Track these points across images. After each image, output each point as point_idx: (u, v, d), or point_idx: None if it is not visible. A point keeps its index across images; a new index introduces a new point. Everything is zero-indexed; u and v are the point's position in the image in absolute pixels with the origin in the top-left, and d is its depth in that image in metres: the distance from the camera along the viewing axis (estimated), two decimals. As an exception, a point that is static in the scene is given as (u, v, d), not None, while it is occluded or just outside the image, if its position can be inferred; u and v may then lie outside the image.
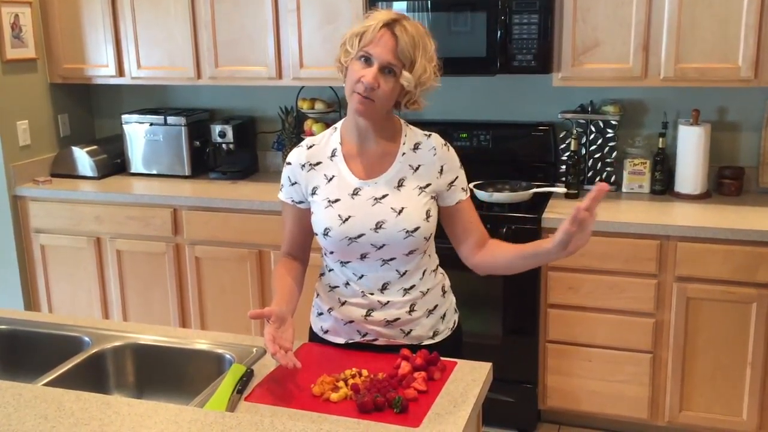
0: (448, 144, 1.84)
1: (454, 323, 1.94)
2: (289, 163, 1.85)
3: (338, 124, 1.85)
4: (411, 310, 1.81)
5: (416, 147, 1.80)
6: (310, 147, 1.84)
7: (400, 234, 1.74)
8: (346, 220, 1.76)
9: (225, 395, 1.55)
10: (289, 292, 1.80)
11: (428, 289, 1.83)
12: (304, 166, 1.82)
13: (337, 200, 1.78)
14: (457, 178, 1.81)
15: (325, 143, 1.84)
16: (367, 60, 1.68)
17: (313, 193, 1.81)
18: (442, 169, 1.79)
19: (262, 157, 3.95)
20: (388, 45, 1.66)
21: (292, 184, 1.85)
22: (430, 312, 1.85)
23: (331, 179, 1.80)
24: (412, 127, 1.85)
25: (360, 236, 1.75)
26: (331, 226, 1.77)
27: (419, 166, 1.79)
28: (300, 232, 1.87)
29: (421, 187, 1.77)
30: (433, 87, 1.75)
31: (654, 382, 2.96)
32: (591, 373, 3.02)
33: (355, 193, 1.78)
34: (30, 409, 1.39)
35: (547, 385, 3.10)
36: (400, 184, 1.77)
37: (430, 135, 1.83)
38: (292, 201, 1.86)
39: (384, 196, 1.76)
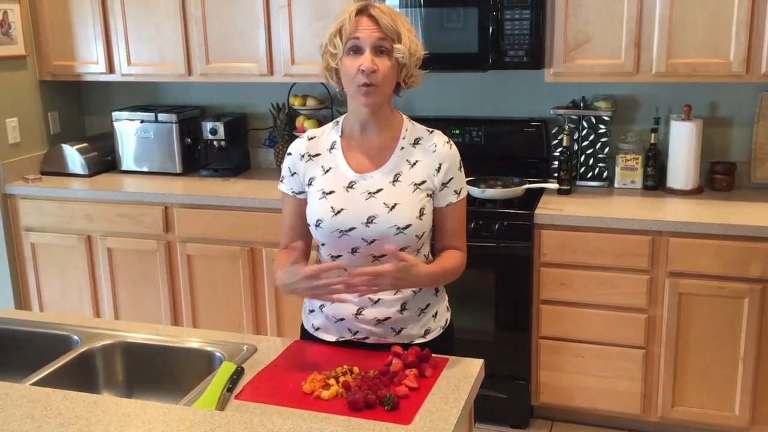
0: (452, 142, 1.82)
1: (446, 321, 1.92)
2: (290, 154, 1.86)
3: (340, 119, 1.86)
4: (402, 309, 1.80)
5: (416, 142, 1.79)
6: (311, 138, 1.85)
7: (391, 230, 1.73)
8: (339, 212, 1.75)
9: (215, 393, 1.54)
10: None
11: (420, 289, 1.82)
12: (303, 156, 1.83)
13: (331, 192, 1.77)
14: (452, 179, 1.79)
15: (326, 136, 1.84)
16: (357, 49, 1.69)
17: (310, 184, 1.81)
18: (439, 168, 1.77)
19: (254, 154, 3.94)
20: (371, 26, 1.68)
21: (292, 175, 1.85)
22: (422, 311, 1.84)
23: (327, 171, 1.80)
24: (415, 123, 1.84)
25: (351, 230, 1.74)
26: (323, 218, 1.76)
27: (416, 161, 1.78)
28: (300, 224, 1.86)
29: (416, 184, 1.76)
30: (422, 56, 1.76)
31: (646, 378, 2.96)
32: (583, 368, 3.02)
33: (350, 186, 1.77)
34: (16, 409, 1.37)
35: (540, 381, 3.10)
36: (395, 179, 1.76)
37: (432, 131, 1.82)
38: (292, 192, 1.86)
39: (378, 191, 1.75)
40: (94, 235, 3.58)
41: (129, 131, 3.80)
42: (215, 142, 3.74)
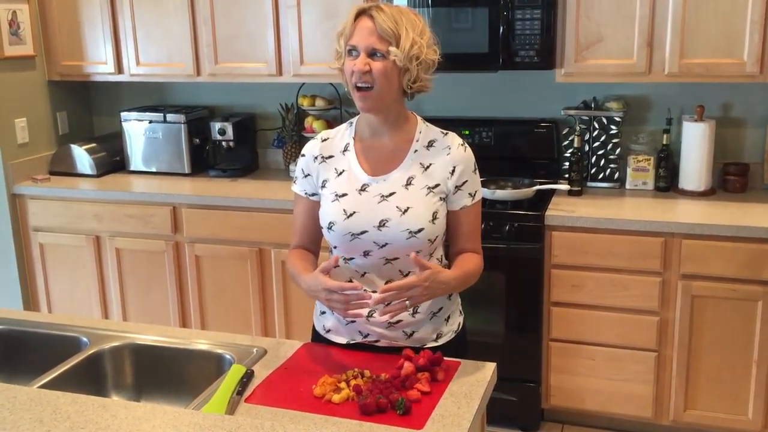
0: (466, 144, 1.80)
1: (459, 325, 1.90)
2: (303, 155, 1.85)
3: (354, 120, 1.84)
4: (414, 312, 1.78)
5: (430, 145, 1.77)
6: (325, 140, 1.84)
7: (403, 234, 1.71)
8: (351, 215, 1.73)
9: (225, 397, 1.52)
10: (313, 267, 1.80)
11: (434, 292, 1.80)
12: (316, 158, 1.82)
13: (344, 195, 1.76)
14: (466, 182, 1.77)
15: (339, 137, 1.83)
16: (354, 51, 1.68)
17: (323, 186, 1.80)
18: (453, 170, 1.75)
19: (262, 155, 3.93)
20: (367, 29, 1.66)
21: (305, 176, 1.84)
22: (434, 314, 1.82)
23: (341, 173, 1.78)
24: (429, 124, 1.82)
25: (363, 233, 1.73)
26: (335, 221, 1.75)
27: (430, 164, 1.76)
28: (312, 225, 1.85)
29: (429, 187, 1.74)
30: (432, 61, 1.72)
31: (658, 381, 2.93)
32: (595, 371, 2.99)
33: (363, 189, 1.75)
34: (25, 412, 1.36)
35: (551, 384, 3.07)
36: (408, 183, 1.74)
37: (447, 133, 1.80)
38: (305, 193, 1.85)
39: (391, 194, 1.74)
40: (102, 235, 3.58)
41: (137, 131, 3.80)
42: (224, 143, 3.73)
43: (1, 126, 3.60)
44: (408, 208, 1.72)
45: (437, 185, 1.75)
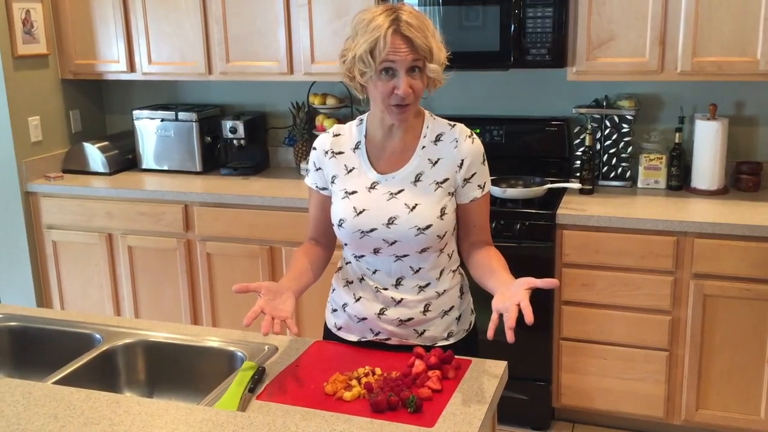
0: (474, 136, 1.79)
1: (470, 324, 1.90)
2: (315, 148, 1.85)
3: (364, 117, 1.83)
4: (425, 311, 1.79)
5: (437, 139, 1.77)
6: (336, 135, 1.84)
7: (412, 231, 1.71)
8: (360, 213, 1.74)
9: (236, 394, 1.53)
10: (300, 271, 1.80)
11: (444, 290, 1.81)
12: (327, 152, 1.82)
13: (354, 192, 1.76)
14: (475, 174, 1.77)
15: (350, 135, 1.82)
16: (390, 71, 1.64)
17: (332, 182, 1.81)
18: (462, 163, 1.75)
19: (273, 153, 3.94)
20: (405, 48, 1.62)
21: (317, 170, 1.84)
22: (446, 313, 1.82)
23: (350, 171, 1.79)
24: (436, 117, 1.82)
25: (372, 230, 1.73)
26: (345, 218, 1.75)
27: (438, 159, 1.75)
28: (323, 218, 1.86)
29: (438, 182, 1.74)
30: (445, 58, 1.71)
31: (670, 380, 2.92)
32: (606, 370, 2.98)
33: (373, 186, 1.76)
34: (39, 408, 1.37)
35: (562, 383, 3.07)
36: (417, 179, 1.75)
37: (454, 125, 1.79)
38: (316, 186, 1.86)
39: (400, 192, 1.74)
40: (114, 233, 3.60)
41: (149, 130, 3.81)
42: (235, 141, 3.74)
43: (14, 124, 3.63)
44: (416, 204, 1.72)
45: (446, 179, 1.75)
